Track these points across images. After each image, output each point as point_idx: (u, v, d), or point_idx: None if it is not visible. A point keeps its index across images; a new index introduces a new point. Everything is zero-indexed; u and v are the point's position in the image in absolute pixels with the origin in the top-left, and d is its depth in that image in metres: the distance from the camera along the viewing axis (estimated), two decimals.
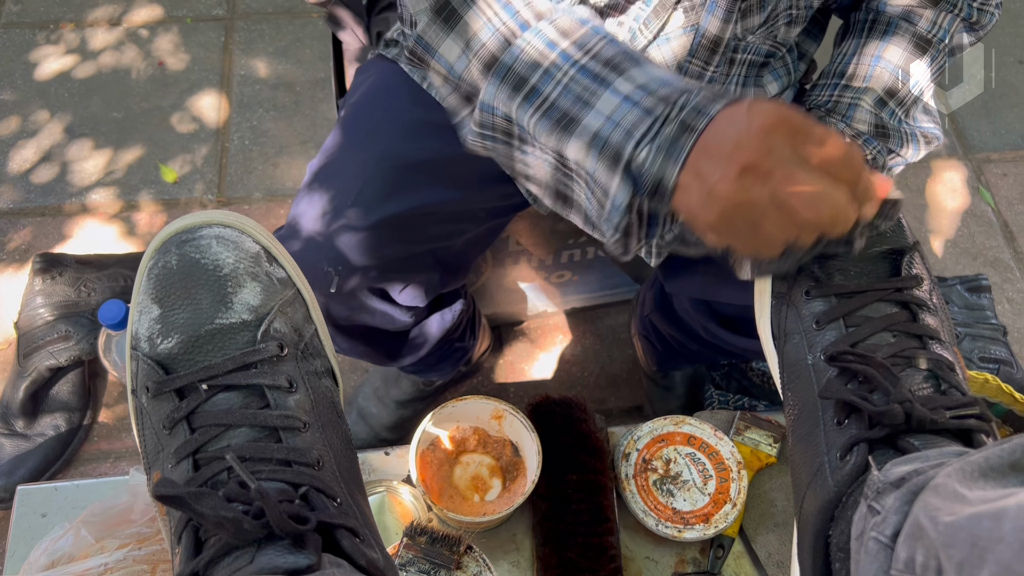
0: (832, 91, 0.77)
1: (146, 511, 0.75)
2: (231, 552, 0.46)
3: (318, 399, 0.55)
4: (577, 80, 0.59)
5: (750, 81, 0.81)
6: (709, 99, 0.54)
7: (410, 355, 1.08)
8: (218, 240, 0.54)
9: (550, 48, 0.61)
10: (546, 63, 0.60)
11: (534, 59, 0.61)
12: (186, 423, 0.52)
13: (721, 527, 0.80)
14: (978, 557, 0.33)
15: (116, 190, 1.62)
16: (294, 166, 1.68)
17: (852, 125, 0.74)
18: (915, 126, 0.78)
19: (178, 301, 0.53)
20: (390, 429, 1.31)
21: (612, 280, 1.44)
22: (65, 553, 0.72)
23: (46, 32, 1.83)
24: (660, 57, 0.75)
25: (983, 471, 0.38)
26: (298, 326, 0.56)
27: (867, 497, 0.44)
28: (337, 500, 0.51)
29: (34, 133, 1.68)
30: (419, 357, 1.10)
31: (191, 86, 1.77)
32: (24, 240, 1.55)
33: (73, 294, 1.33)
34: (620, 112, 0.57)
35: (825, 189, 0.50)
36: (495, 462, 0.83)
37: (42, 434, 1.30)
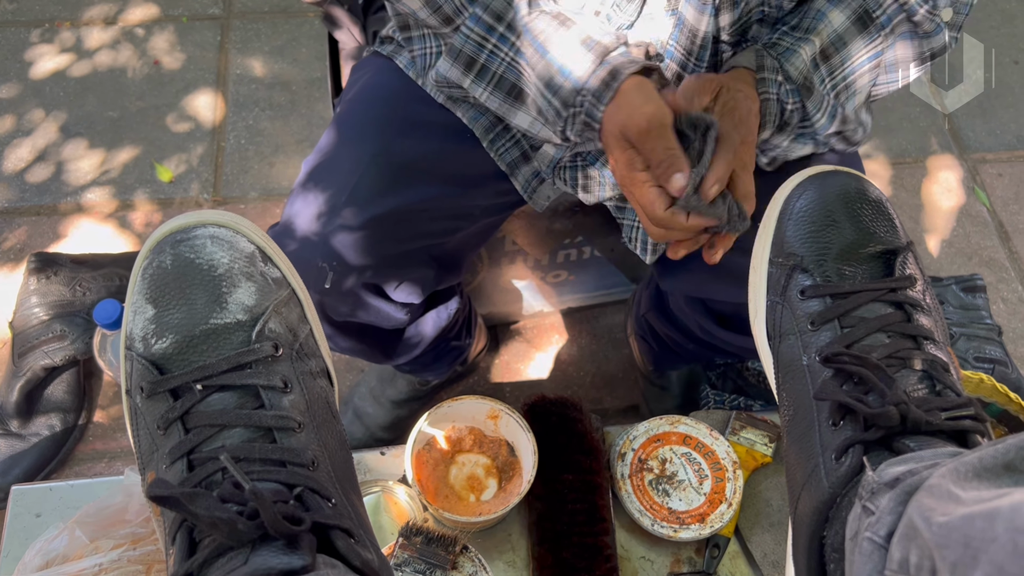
0: (776, 33, 0.79)
1: (141, 511, 0.75)
2: (225, 553, 0.46)
3: (313, 399, 0.55)
4: (515, 63, 0.75)
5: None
6: (594, 102, 0.71)
7: (406, 353, 1.08)
8: (213, 240, 0.54)
9: (490, 32, 0.75)
10: (488, 46, 0.75)
11: (478, 43, 0.76)
12: (180, 423, 0.51)
13: (717, 527, 0.80)
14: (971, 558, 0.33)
15: (111, 189, 1.62)
16: (290, 165, 1.67)
17: (785, 67, 0.76)
18: (839, 102, 0.80)
19: (173, 301, 0.53)
20: (386, 429, 1.31)
21: (608, 280, 1.44)
22: (60, 553, 0.72)
23: (41, 30, 1.82)
24: (646, 36, 0.79)
25: (977, 471, 0.38)
26: (293, 326, 0.56)
27: (862, 498, 0.44)
28: (332, 501, 0.51)
29: (29, 132, 1.67)
30: (415, 356, 1.10)
31: (187, 85, 1.77)
32: (19, 239, 1.55)
33: (68, 293, 1.33)
34: (542, 105, 0.75)
35: (639, 185, 0.70)
36: (491, 462, 0.83)
37: (37, 434, 1.30)
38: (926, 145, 1.80)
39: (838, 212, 0.58)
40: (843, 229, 0.58)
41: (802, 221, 0.59)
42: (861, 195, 0.59)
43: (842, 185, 0.60)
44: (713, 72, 0.79)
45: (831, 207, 0.59)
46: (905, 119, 1.81)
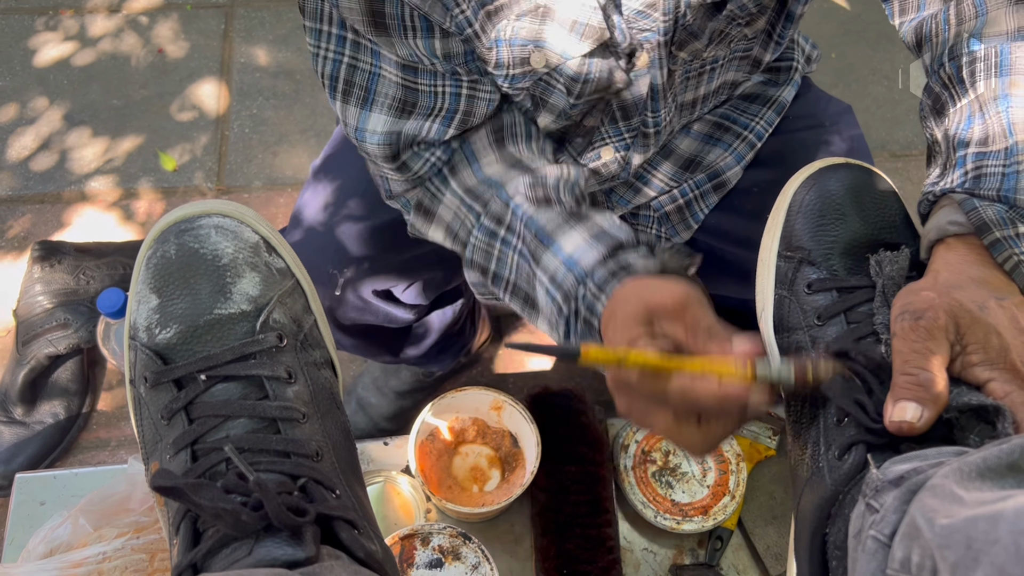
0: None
1: (144, 500, 0.75)
2: (229, 543, 0.46)
3: (317, 390, 0.55)
4: (522, 267, 0.67)
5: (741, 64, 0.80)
6: (596, 292, 0.60)
7: (411, 350, 1.08)
8: (217, 230, 0.54)
9: (492, 239, 0.68)
10: (495, 252, 0.69)
11: (485, 251, 0.69)
12: (184, 413, 0.51)
13: (720, 519, 0.80)
14: (972, 559, 0.33)
15: (115, 178, 1.61)
16: (294, 155, 1.67)
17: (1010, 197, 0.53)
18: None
19: (177, 291, 0.53)
20: (389, 419, 1.31)
21: None
22: (63, 541, 0.72)
23: (45, 18, 1.82)
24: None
25: (981, 472, 0.38)
26: (297, 317, 0.56)
27: (865, 495, 0.44)
28: (336, 492, 0.51)
29: (33, 120, 1.67)
30: (420, 351, 1.10)
31: (191, 74, 1.76)
32: (23, 227, 1.55)
33: (72, 282, 1.33)
34: (547, 306, 0.64)
35: (653, 421, 0.55)
36: (494, 453, 0.83)
37: (41, 422, 1.30)
38: None
39: (847, 206, 0.58)
40: (852, 223, 0.58)
41: (811, 214, 0.59)
42: (871, 188, 0.59)
43: (852, 178, 0.59)
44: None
45: (840, 200, 0.58)
46: (912, 111, 1.80)
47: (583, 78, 0.68)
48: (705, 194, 0.85)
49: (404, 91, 0.68)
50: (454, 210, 0.71)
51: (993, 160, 0.54)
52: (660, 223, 0.88)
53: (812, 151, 0.84)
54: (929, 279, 0.52)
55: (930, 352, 0.47)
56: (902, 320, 0.49)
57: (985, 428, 0.47)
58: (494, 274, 0.69)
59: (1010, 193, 0.52)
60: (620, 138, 0.77)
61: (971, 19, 0.60)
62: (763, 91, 0.84)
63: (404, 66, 0.67)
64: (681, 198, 0.86)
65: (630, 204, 0.87)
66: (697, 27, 0.68)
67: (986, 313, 0.48)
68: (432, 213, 0.73)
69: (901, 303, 0.50)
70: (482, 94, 0.69)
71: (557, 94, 0.70)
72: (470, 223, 0.70)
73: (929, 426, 0.46)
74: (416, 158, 0.70)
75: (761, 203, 0.71)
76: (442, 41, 0.65)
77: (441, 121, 0.69)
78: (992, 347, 0.47)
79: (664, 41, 0.68)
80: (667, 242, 0.90)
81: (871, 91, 1.81)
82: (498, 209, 0.68)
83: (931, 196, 0.56)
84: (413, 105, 0.68)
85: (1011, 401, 0.46)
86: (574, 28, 0.65)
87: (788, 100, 0.85)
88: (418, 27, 0.64)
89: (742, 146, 0.83)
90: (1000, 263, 0.51)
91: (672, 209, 0.86)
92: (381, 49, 0.67)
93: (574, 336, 0.62)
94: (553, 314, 0.64)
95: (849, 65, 1.84)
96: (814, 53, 0.89)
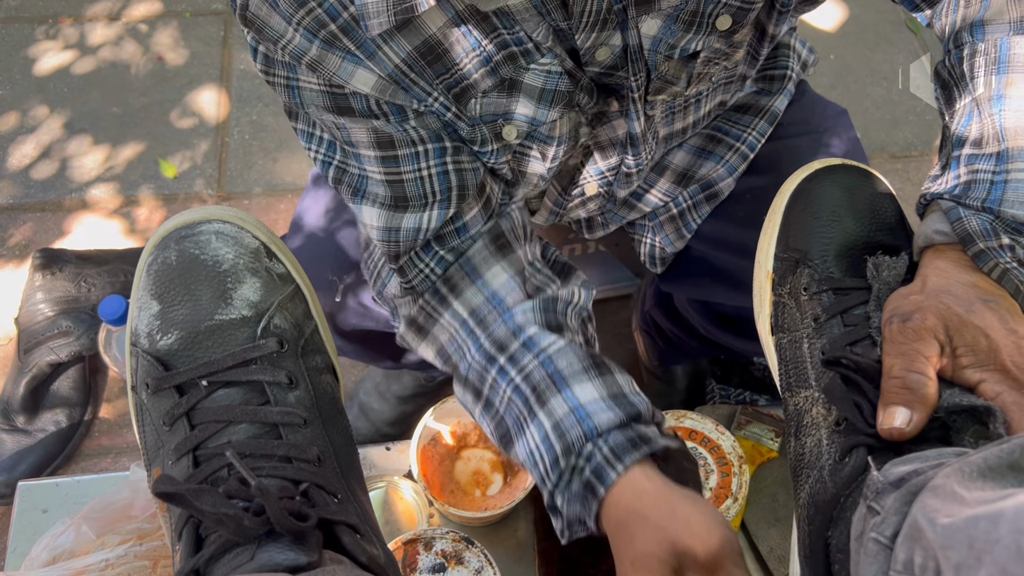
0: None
1: (147, 507, 0.75)
2: (231, 549, 0.46)
3: (318, 395, 0.55)
4: (514, 402, 0.61)
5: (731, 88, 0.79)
6: (610, 457, 0.55)
7: (412, 355, 1.08)
8: (217, 236, 0.54)
9: (490, 364, 0.63)
10: (489, 378, 0.63)
11: (480, 374, 0.64)
12: (186, 419, 0.52)
13: None
14: (975, 559, 0.33)
15: (116, 185, 1.62)
16: (294, 161, 1.67)
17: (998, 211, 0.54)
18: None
19: (178, 297, 0.53)
20: (391, 424, 1.31)
21: (613, 275, 1.44)
22: (66, 549, 0.72)
23: (45, 27, 1.82)
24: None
25: (981, 472, 0.38)
26: (298, 322, 0.56)
27: (866, 498, 0.44)
28: (338, 496, 0.51)
29: (33, 129, 1.67)
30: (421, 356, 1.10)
31: (190, 81, 1.76)
32: (24, 236, 1.55)
33: (73, 290, 1.33)
34: (540, 451, 0.59)
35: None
36: (496, 457, 0.83)
37: (43, 430, 1.30)
38: (932, 138, 1.79)
39: (843, 207, 0.58)
40: (848, 225, 0.58)
41: (807, 216, 0.59)
42: (868, 190, 0.59)
43: (849, 179, 0.59)
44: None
45: (837, 202, 0.58)
46: (911, 112, 1.80)
47: (556, 141, 0.67)
48: (698, 204, 0.85)
49: (391, 188, 0.65)
50: (451, 332, 0.67)
51: (984, 164, 0.55)
52: (654, 232, 0.88)
53: (806, 157, 0.83)
54: (918, 283, 0.52)
55: (918, 353, 0.48)
56: (891, 323, 0.50)
57: (980, 429, 0.47)
58: (486, 400, 0.64)
59: (995, 204, 0.53)
60: (601, 177, 0.77)
61: (977, 2, 0.61)
62: (755, 101, 0.84)
63: (383, 158, 0.64)
64: (675, 208, 0.86)
65: (624, 220, 0.87)
66: (672, 75, 0.67)
67: (974, 315, 0.48)
68: (426, 331, 0.69)
69: (890, 307, 0.51)
70: (467, 164, 0.66)
71: (534, 162, 0.69)
72: (467, 348, 0.66)
73: (920, 429, 0.47)
74: (412, 266, 0.67)
75: (755, 210, 0.71)
76: (417, 119, 0.64)
77: (438, 207, 0.65)
78: (981, 349, 0.48)
79: (638, 96, 0.67)
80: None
81: (870, 92, 1.81)
82: (502, 335, 0.64)
83: (923, 199, 0.57)
84: (404, 201, 0.65)
85: (1002, 401, 0.47)
86: (542, 97, 0.63)
87: (781, 109, 0.84)
88: (389, 112, 0.63)
89: (735, 158, 0.83)
90: (987, 272, 0.52)
91: (666, 219, 0.87)
92: (359, 149, 0.64)
93: (565, 492, 0.57)
94: (545, 463, 0.58)
95: (847, 66, 1.84)
96: (811, 58, 0.89)
